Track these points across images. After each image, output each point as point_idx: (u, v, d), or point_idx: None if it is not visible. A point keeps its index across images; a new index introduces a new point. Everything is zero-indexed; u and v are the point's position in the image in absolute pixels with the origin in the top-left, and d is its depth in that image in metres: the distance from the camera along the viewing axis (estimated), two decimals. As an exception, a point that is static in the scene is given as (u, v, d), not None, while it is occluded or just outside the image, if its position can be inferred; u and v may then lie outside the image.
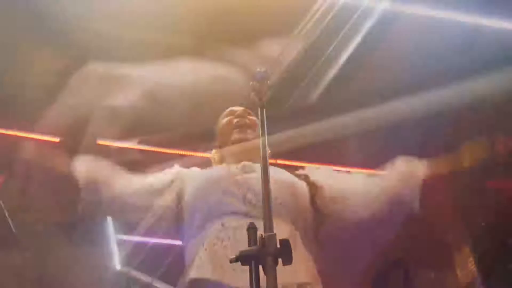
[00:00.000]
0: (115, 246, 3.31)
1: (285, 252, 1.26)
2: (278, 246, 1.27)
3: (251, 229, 1.29)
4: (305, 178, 2.08)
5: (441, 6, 2.95)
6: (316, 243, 2.01)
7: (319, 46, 3.06)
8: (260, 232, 1.29)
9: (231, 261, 1.28)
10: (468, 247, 3.96)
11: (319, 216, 2.03)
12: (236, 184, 1.94)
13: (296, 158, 2.28)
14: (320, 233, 2.03)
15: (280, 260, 1.27)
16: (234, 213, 1.87)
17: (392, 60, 3.29)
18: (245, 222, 1.75)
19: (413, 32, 3.06)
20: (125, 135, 2.45)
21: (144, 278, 3.10)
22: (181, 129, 2.23)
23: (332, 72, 3.20)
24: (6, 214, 2.46)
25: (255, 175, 1.94)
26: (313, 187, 2.04)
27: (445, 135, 3.75)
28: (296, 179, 2.04)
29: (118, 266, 3.31)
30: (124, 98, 2.01)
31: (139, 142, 2.79)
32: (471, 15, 2.92)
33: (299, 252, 1.85)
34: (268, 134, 1.53)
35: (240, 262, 1.27)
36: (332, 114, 2.43)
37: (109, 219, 3.15)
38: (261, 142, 1.50)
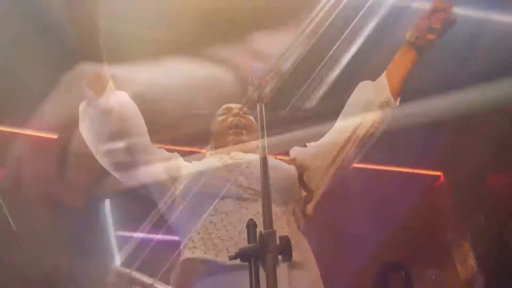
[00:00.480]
0: (116, 247, 3.31)
1: (285, 249, 1.26)
2: (278, 243, 1.27)
3: (251, 225, 1.29)
4: (293, 161, 2.12)
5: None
6: (309, 224, 2.05)
7: (321, 46, 3.05)
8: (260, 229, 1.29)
9: (230, 258, 1.29)
10: (467, 243, 3.97)
11: (308, 193, 2.06)
12: (227, 168, 1.96)
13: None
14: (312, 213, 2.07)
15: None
16: (227, 197, 1.89)
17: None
18: (237, 205, 1.88)
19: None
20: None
21: (146, 279, 3.10)
22: (174, 130, 2.24)
23: (335, 72, 3.19)
24: (6, 211, 2.46)
25: (245, 160, 1.98)
26: (301, 168, 2.07)
27: (447, 136, 3.76)
28: (285, 164, 2.08)
29: (119, 267, 3.31)
30: (114, 99, 2.02)
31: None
32: (478, 10, 2.91)
33: (292, 233, 1.86)
34: (267, 135, 1.52)
35: (240, 259, 1.27)
36: (334, 116, 2.43)
37: (109, 216, 3.16)
38: (260, 141, 1.50)
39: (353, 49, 3.20)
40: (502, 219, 3.70)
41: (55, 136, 2.21)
